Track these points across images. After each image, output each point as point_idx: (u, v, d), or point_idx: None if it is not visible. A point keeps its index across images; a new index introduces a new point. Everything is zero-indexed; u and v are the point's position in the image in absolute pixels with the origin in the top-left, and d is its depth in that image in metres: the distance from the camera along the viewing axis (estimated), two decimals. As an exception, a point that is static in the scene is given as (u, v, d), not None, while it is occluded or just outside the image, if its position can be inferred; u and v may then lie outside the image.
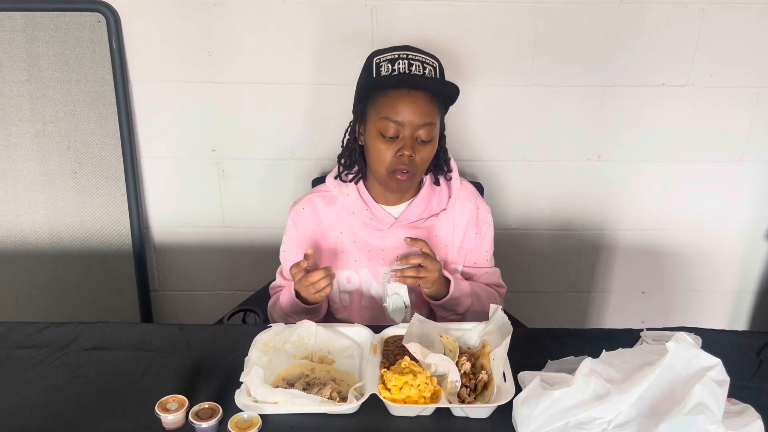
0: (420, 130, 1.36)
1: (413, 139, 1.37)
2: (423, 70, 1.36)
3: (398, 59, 1.35)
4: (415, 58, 1.37)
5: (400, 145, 1.36)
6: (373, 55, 1.40)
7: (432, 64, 1.38)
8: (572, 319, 2.23)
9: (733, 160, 2.00)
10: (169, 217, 2.06)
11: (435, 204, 1.50)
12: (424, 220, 1.49)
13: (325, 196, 1.52)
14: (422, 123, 1.35)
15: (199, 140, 1.96)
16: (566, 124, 1.94)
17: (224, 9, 1.80)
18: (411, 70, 1.35)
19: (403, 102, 1.34)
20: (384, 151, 1.37)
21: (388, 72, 1.35)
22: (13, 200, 1.95)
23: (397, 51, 1.38)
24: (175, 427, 1.10)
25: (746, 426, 1.01)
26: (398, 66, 1.35)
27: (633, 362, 1.06)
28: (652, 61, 1.86)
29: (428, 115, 1.36)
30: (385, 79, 1.36)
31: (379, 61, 1.37)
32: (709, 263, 2.15)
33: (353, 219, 1.48)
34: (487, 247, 1.56)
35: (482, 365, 1.22)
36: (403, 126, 1.35)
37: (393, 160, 1.37)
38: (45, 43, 1.82)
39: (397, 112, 1.34)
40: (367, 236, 1.48)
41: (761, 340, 1.37)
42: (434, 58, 1.41)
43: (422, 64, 1.36)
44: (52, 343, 1.33)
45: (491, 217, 1.56)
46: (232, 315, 1.65)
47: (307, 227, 1.50)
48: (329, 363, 1.27)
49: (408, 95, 1.34)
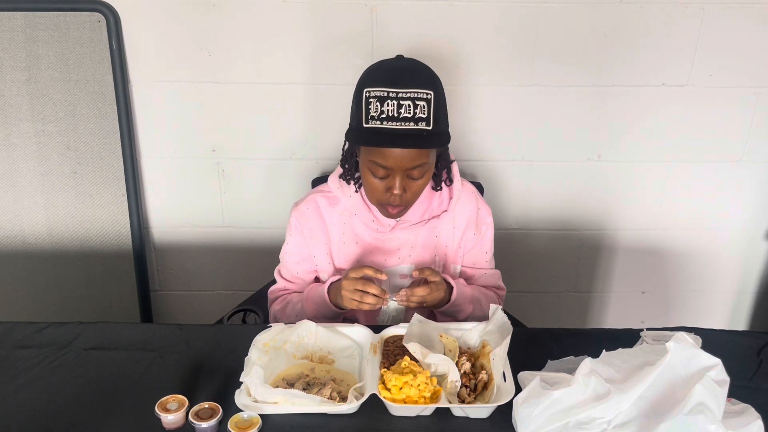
0: (411, 171, 1.33)
1: (404, 178, 1.34)
2: (414, 110, 1.28)
3: (387, 98, 1.28)
4: (406, 96, 1.28)
5: (390, 184, 1.35)
6: (364, 83, 1.33)
7: (425, 97, 1.29)
8: (572, 319, 2.23)
9: (733, 160, 2.00)
10: (169, 217, 2.06)
11: (436, 205, 1.50)
12: (425, 222, 1.49)
13: (328, 196, 1.51)
14: (412, 166, 1.32)
15: (199, 140, 1.96)
16: (566, 124, 1.94)
17: (224, 9, 1.80)
18: (400, 112, 1.28)
19: (390, 152, 1.31)
20: (374, 184, 1.37)
21: (377, 113, 1.29)
22: (13, 200, 1.95)
23: (388, 86, 1.29)
24: (175, 427, 1.10)
25: (746, 426, 1.01)
26: (386, 108, 1.28)
27: (633, 362, 1.06)
28: (652, 61, 1.86)
29: (418, 159, 1.32)
30: (370, 133, 1.31)
31: (369, 96, 1.30)
32: (709, 263, 2.15)
33: (355, 220, 1.48)
34: (487, 248, 1.56)
35: (482, 365, 1.22)
36: (392, 170, 1.33)
37: (383, 195, 1.37)
38: (45, 43, 1.82)
39: (386, 159, 1.31)
40: (369, 238, 1.49)
41: (761, 340, 1.37)
42: (429, 85, 1.31)
43: (413, 103, 1.28)
44: (52, 343, 1.33)
45: (491, 218, 1.56)
46: (232, 315, 1.65)
47: (312, 227, 1.50)
48: (329, 363, 1.27)
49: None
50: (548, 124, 1.94)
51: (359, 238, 1.49)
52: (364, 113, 1.31)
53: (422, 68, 1.36)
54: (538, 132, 1.95)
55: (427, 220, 1.49)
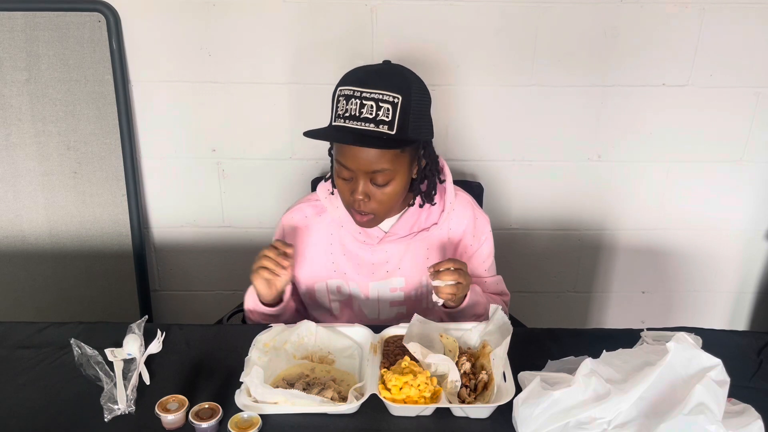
0: (372, 175, 1.31)
1: (367, 183, 1.32)
2: (376, 111, 1.26)
3: (352, 97, 1.27)
4: (370, 96, 1.26)
5: (353, 188, 1.33)
6: (342, 81, 1.33)
7: (390, 100, 1.26)
8: (572, 319, 2.23)
9: (733, 160, 2.00)
10: (169, 217, 2.06)
11: (424, 219, 1.46)
12: (414, 234, 1.46)
13: (316, 205, 1.50)
14: (371, 171, 1.30)
15: (199, 140, 1.96)
16: (566, 124, 1.94)
17: (224, 9, 1.80)
18: (362, 112, 1.26)
19: (349, 151, 1.29)
20: (341, 186, 1.36)
21: (342, 111, 1.29)
22: (13, 200, 1.95)
23: (355, 85, 1.28)
24: (175, 427, 1.10)
25: (746, 426, 1.01)
26: (350, 106, 1.27)
27: (633, 362, 1.06)
28: (652, 61, 1.86)
29: (378, 163, 1.29)
30: (333, 130, 1.31)
31: (340, 93, 1.30)
32: (709, 263, 2.15)
33: (343, 232, 1.46)
34: (484, 258, 1.53)
35: (482, 365, 1.22)
36: (354, 171, 1.31)
37: (349, 198, 1.35)
38: (45, 43, 1.82)
39: (345, 158, 1.30)
40: (357, 249, 1.46)
41: (761, 340, 1.38)
42: (398, 90, 1.27)
43: (376, 104, 1.26)
44: (52, 343, 1.33)
45: (490, 227, 1.53)
46: (232, 315, 1.64)
47: (296, 237, 1.49)
48: (329, 363, 1.27)
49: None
50: (548, 124, 1.94)
51: (346, 250, 1.47)
52: (334, 111, 1.31)
53: (399, 73, 1.33)
54: (538, 132, 1.95)
55: (416, 233, 1.46)
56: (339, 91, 1.31)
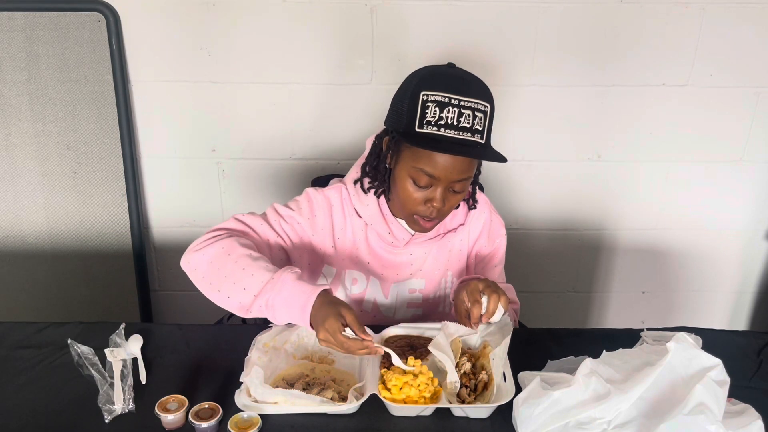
0: (455, 183, 1.27)
1: (446, 191, 1.28)
2: (472, 121, 1.22)
3: (448, 105, 1.21)
4: (467, 105, 1.22)
5: (431, 196, 1.28)
6: (420, 87, 1.23)
7: (483, 109, 1.24)
8: (572, 319, 2.23)
9: (733, 160, 2.00)
10: (169, 217, 2.06)
11: (449, 220, 1.44)
12: (441, 236, 1.44)
13: (345, 199, 1.43)
14: (459, 179, 1.26)
15: (199, 140, 1.95)
16: (566, 124, 1.94)
17: (224, 9, 1.80)
18: (460, 121, 1.21)
19: (443, 159, 1.23)
20: (413, 194, 1.28)
21: (434, 118, 1.21)
22: (13, 200, 1.95)
23: (449, 92, 1.22)
24: (175, 427, 1.10)
25: (746, 426, 1.01)
26: (445, 114, 1.21)
27: (633, 362, 1.06)
28: (652, 61, 1.86)
29: (466, 171, 1.26)
30: (425, 138, 1.23)
31: (427, 100, 1.22)
32: (709, 263, 2.15)
33: (369, 230, 1.42)
34: (497, 261, 1.52)
35: (482, 365, 1.22)
36: (438, 180, 1.25)
37: (421, 207, 1.30)
38: (45, 43, 1.82)
39: (435, 167, 1.24)
40: (382, 250, 1.43)
41: (761, 340, 1.38)
42: (488, 98, 1.26)
43: (473, 113, 1.22)
44: (52, 343, 1.33)
45: (504, 230, 1.52)
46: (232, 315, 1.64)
47: (322, 217, 1.40)
48: (329, 363, 1.27)
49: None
50: (548, 124, 1.94)
51: (371, 249, 1.42)
52: (419, 117, 1.22)
53: (479, 79, 1.31)
54: (538, 132, 1.95)
55: (443, 234, 1.44)
56: (425, 97, 1.22)
